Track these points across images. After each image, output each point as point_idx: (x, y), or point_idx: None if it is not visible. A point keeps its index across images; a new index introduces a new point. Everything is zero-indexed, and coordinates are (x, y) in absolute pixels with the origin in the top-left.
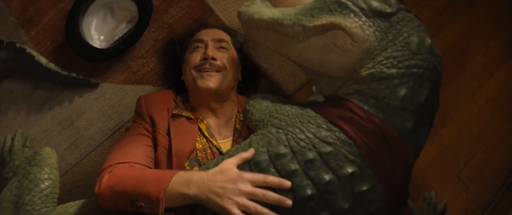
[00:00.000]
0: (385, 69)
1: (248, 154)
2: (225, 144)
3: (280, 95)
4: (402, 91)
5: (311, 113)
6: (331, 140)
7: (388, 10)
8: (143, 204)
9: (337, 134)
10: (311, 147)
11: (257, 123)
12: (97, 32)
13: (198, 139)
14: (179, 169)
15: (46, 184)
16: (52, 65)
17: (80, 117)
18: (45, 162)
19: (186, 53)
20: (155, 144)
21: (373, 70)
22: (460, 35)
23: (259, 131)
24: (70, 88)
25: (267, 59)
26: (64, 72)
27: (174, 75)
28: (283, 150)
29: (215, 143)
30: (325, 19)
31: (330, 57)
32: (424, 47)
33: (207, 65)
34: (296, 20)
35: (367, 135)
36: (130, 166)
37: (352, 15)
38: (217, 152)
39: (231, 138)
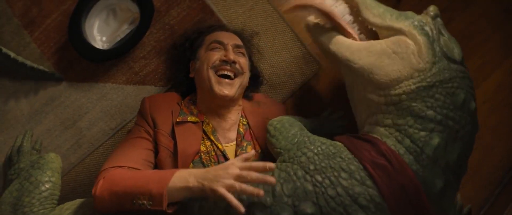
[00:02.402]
0: (424, 108)
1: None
2: (229, 148)
3: (279, 96)
4: (436, 140)
5: (344, 153)
6: (364, 202)
7: (456, 57)
8: (145, 202)
9: (371, 191)
10: (341, 210)
11: (281, 151)
12: (100, 33)
13: (202, 141)
14: None
15: (47, 186)
16: (20, 58)
17: (82, 117)
18: (48, 166)
19: (200, 51)
20: (156, 146)
21: (414, 104)
22: (458, 36)
23: (283, 163)
24: (72, 88)
25: (267, 60)
26: (30, 65)
27: (179, 72)
28: (311, 208)
29: (220, 146)
30: (405, 26)
31: (384, 62)
32: (467, 108)
33: (228, 66)
34: (381, 13)
35: (399, 191)
36: (125, 169)
37: (426, 37)
38: (221, 154)
39: (235, 142)
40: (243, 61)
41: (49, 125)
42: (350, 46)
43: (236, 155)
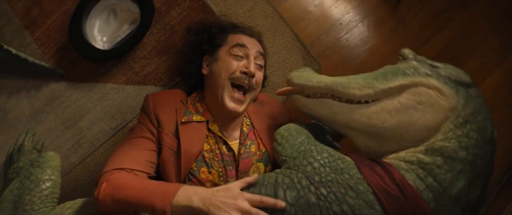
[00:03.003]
0: (458, 149)
1: (251, 179)
2: (233, 146)
3: (279, 96)
4: (462, 182)
5: (353, 171)
6: None
7: (466, 79)
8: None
9: None
10: None
11: (287, 159)
12: (100, 34)
13: (206, 140)
14: (187, 169)
15: (47, 184)
16: (22, 54)
17: (83, 117)
18: (48, 164)
19: (221, 50)
20: (159, 144)
21: (448, 144)
22: (457, 36)
23: (288, 171)
24: (73, 88)
25: (267, 60)
26: (32, 61)
27: (191, 64)
28: None
29: (229, 141)
30: (403, 80)
31: (413, 116)
32: (493, 139)
33: (246, 81)
34: (365, 83)
35: None
36: (129, 173)
37: (431, 77)
38: (226, 152)
39: (238, 140)
40: (259, 76)
41: (50, 124)
42: (362, 112)
43: (239, 153)
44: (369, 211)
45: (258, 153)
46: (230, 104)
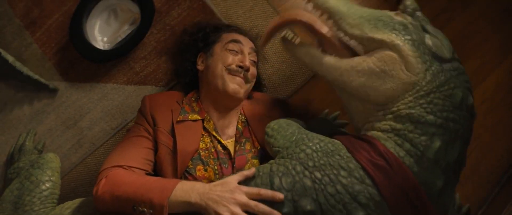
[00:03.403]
0: (424, 114)
1: (249, 172)
2: (228, 144)
3: (279, 96)
4: (437, 143)
5: (343, 151)
6: (364, 200)
7: (446, 55)
8: (145, 210)
9: (371, 190)
10: (341, 207)
11: (280, 149)
12: (101, 34)
13: (201, 138)
14: (183, 167)
15: (47, 185)
16: (18, 64)
17: (83, 117)
18: (48, 165)
19: (216, 47)
20: (156, 144)
21: (413, 111)
22: (456, 36)
23: (282, 159)
24: (73, 88)
25: (268, 60)
26: (26, 73)
27: (186, 61)
28: (310, 205)
29: (222, 141)
30: (386, 36)
31: (375, 82)
32: (465, 105)
33: (242, 74)
34: (358, 22)
35: (399, 193)
36: (127, 170)
37: (411, 43)
38: (222, 150)
39: (233, 138)
40: (253, 71)
41: (50, 124)
42: (337, 67)
43: (235, 151)
44: (361, 186)
45: (253, 150)
46: (232, 85)
